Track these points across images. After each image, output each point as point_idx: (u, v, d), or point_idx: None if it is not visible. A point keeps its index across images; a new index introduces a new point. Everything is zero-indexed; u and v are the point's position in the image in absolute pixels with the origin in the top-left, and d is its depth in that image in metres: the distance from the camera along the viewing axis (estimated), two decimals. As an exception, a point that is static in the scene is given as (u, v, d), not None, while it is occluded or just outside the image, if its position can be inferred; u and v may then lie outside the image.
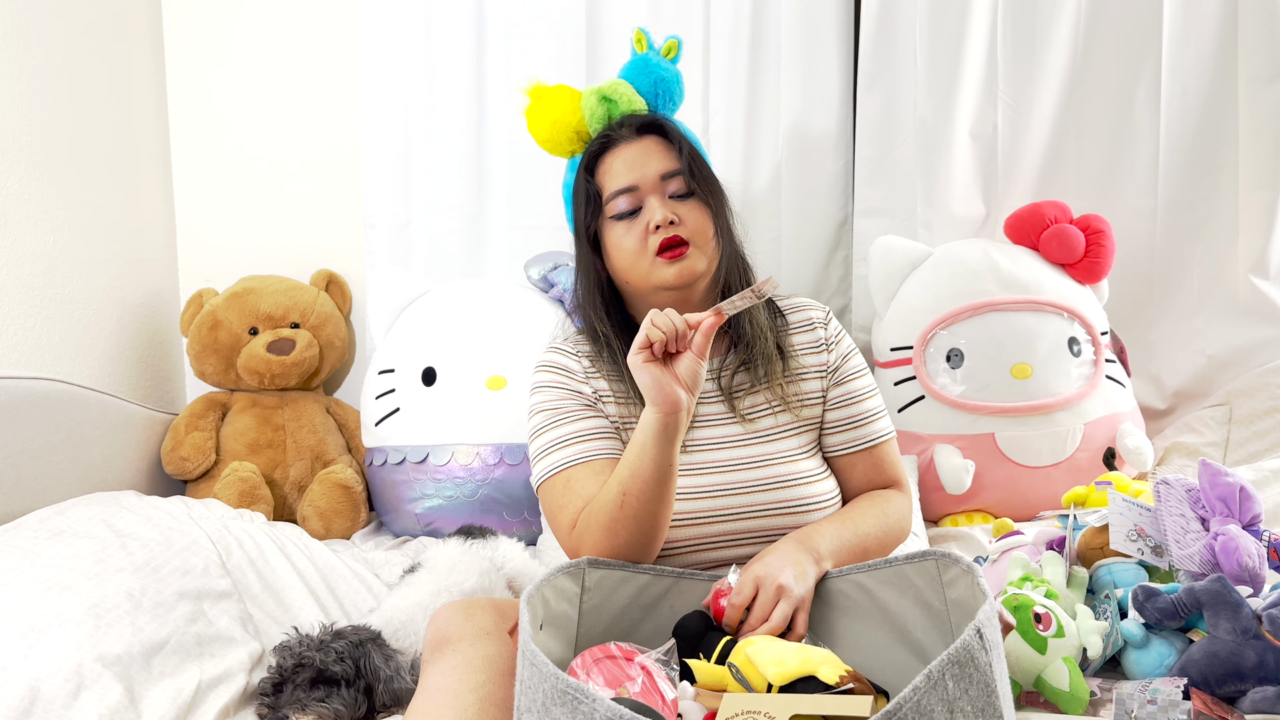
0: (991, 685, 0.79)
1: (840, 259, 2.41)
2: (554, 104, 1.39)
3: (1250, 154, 2.24)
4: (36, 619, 1.24)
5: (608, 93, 1.35)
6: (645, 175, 1.28)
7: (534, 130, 1.43)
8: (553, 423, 1.28)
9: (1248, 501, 1.35)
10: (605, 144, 1.33)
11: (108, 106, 2.22)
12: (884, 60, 2.29)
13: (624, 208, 1.28)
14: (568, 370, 1.33)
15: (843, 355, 1.38)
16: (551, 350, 1.37)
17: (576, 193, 1.35)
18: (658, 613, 1.16)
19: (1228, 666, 1.17)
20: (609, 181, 1.30)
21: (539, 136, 1.43)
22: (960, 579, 1.02)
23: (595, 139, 1.35)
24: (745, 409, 1.31)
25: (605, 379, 1.33)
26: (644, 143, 1.31)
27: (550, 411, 1.29)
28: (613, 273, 1.34)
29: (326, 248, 2.47)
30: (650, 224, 1.26)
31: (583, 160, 1.35)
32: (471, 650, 1.12)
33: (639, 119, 1.34)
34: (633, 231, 1.27)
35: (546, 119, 1.39)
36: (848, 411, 1.35)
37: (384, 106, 2.36)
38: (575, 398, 1.30)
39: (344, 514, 2.13)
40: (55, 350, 2.00)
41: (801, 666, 0.91)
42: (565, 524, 1.23)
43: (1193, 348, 2.33)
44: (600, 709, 0.78)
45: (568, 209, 1.40)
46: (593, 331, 1.36)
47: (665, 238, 1.25)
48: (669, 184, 1.29)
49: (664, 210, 1.26)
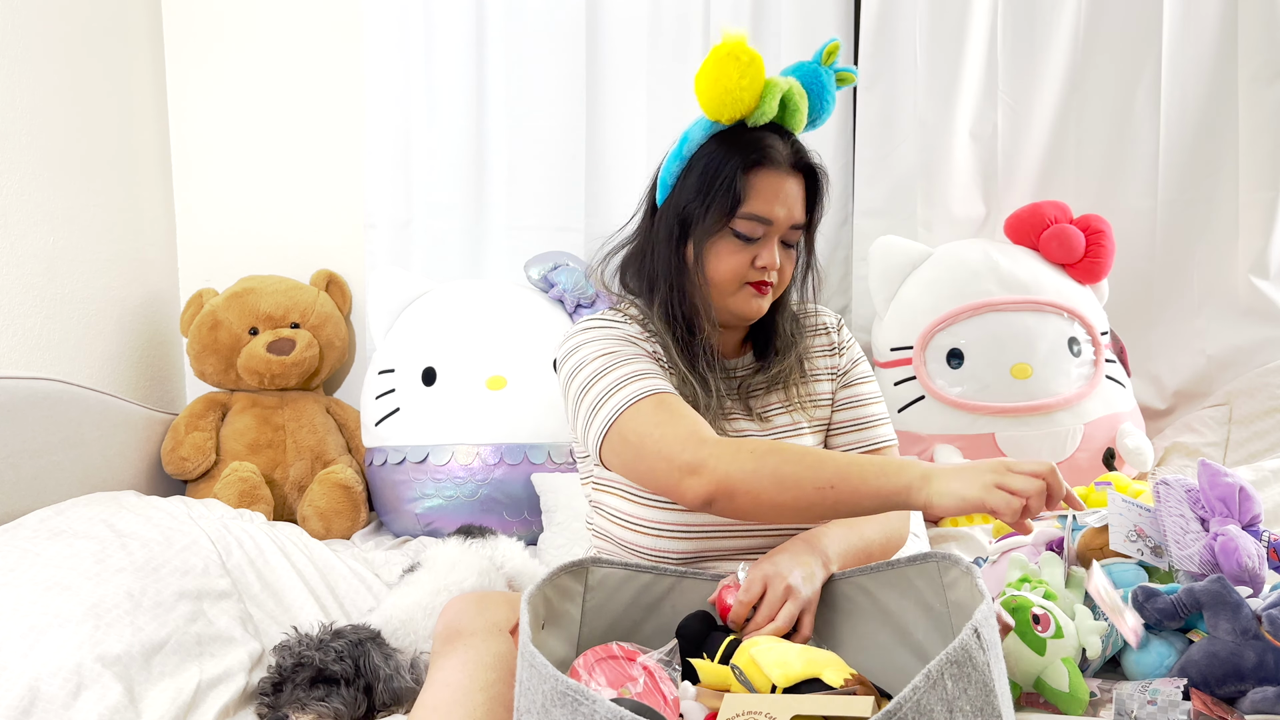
0: (989, 685, 0.79)
1: (840, 259, 2.41)
2: (747, 74, 1.24)
3: (1250, 154, 2.24)
4: (36, 619, 1.24)
5: (790, 101, 1.26)
6: (783, 218, 1.26)
7: (708, 86, 1.27)
8: (615, 363, 1.20)
9: (1247, 502, 1.35)
10: (764, 158, 1.24)
11: (108, 106, 2.22)
12: (884, 60, 2.29)
13: (746, 232, 1.25)
14: (620, 326, 1.28)
15: (851, 361, 1.41)
16: (599, 316, 1.31)
17: (711, 176, 1.25)
18: (660, 612, 1.16)
19: (1227, 667, 1.17)
20: (752, 200, 1.24)
21: (709, 96, 1.27)
22: (960, 580, 1.02)
23: (754, 143, 1.25)
24: (760, 408, 1.33)
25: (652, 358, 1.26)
26: (794, 181, 1.27)
27: (611, 355, 1.22)
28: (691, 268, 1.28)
29: (326, 248, 2.47)
30: (757, 261, 1.25)
31: (734, 155, 1.25)
32: (483, 646, 1.12)
33: (800, 151, 1.28)
34: (740, 255, 1.25)
35: (722, 84, 1.25)
36: (854, 414, 1.37)
37: (384, 106, 2.36)
38: (632, 346, 1.24)
39: (344, 514, 2.13)
40: (55, 350, 2.00)
41: (806, 669, 0.91)
42: (678, 435, 1.10)
43: (1193, 348, 2.33)
44: (600, 710, 0.78)
45: (674, 164, 1.29)
46: (684, 321, 1.29)
47: (761, 279, 1.26)
48: (791, 234, 1.28)
49: (774, 256, 1.26)
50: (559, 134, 2.35)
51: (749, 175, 1.24)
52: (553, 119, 2.35)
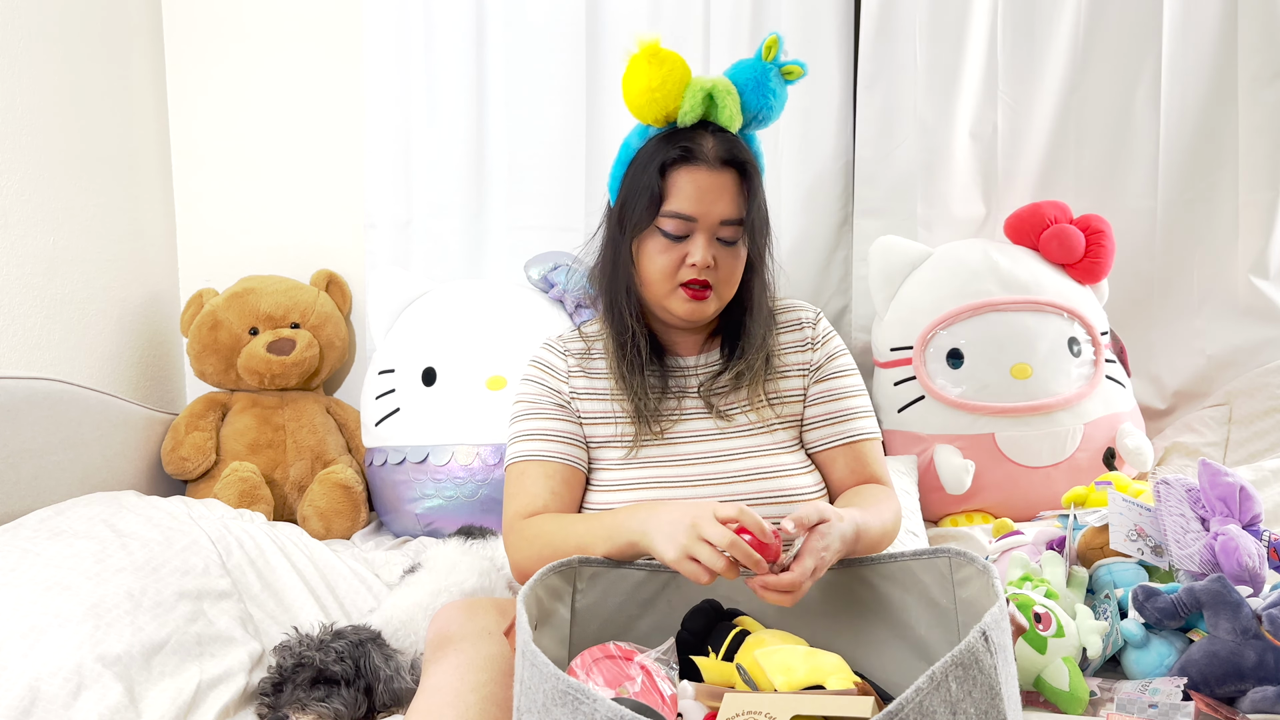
0: (995, 688, 0.78)
1: (840, 259, 2.40)
2: (661, 77, 1.28)
3: (1250, 154, 2.24)
4: (36, 619, 1.24)
5: (716, 96, 1.28)
6: (708, 213, 1.26)
7: (628, 89, 1.31)
8: (526, 414, 1.36)
9: (1248, 501, 1.35)
10: (686, 155, 1.26)
11: (108, 106, 2.22)
12: (884, 60, 2.29)
13: (672, 230, 1.26)
14: (551, 367, 1.39)
15: (828, 355, 1.39)
16: (541, 348, 1.43)
17: (638, 178, 1.29)
18: (655, 609, 1.16)
19: (1228, 666, 1.17)
20: (674, 197, 1.26)
21: (630, 98, 1.32)
22: (974, 579, 1.01)
23: (678, 142, 1.27)
24: (724, 405, 1.33)
25: (586, 376, 1.37)
26: (722, 177, 1.26)
27: (527, 404, 1.37)
28: (630, 269, 1.32)
29: (326, 248, 2.47)
30: (688, 259, 1.26)
31: (657, 156, 1.28)
32: (473, 650, 1.12)
33: (728, 147, 1.28)
34: (669, 254, 1.27)
35: (647, 87, 1.28)
36: (828, 408, 1.36)
37: (384, 106, 2.36)
38: (551, 395, 1.37)
39: (344, 514, 2.13)
40: (55, 350, 2.00)
41: (809, 675, 0.91)
42: (509, 513, 1.32)
43: (1193, 348, 2.33)
44: (601, 709, 0.78)
45: (618, 169, 1.34)
46: (618, 321, 1.34)
47: (694, 278, 1.26)
48: (723, 229, 1.27)
49: (705, 253, 1.25)
50: (559, 134, 2.35)
51: (670, 173, 1.26)
52: (553, 119, 2.35)
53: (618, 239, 1.33)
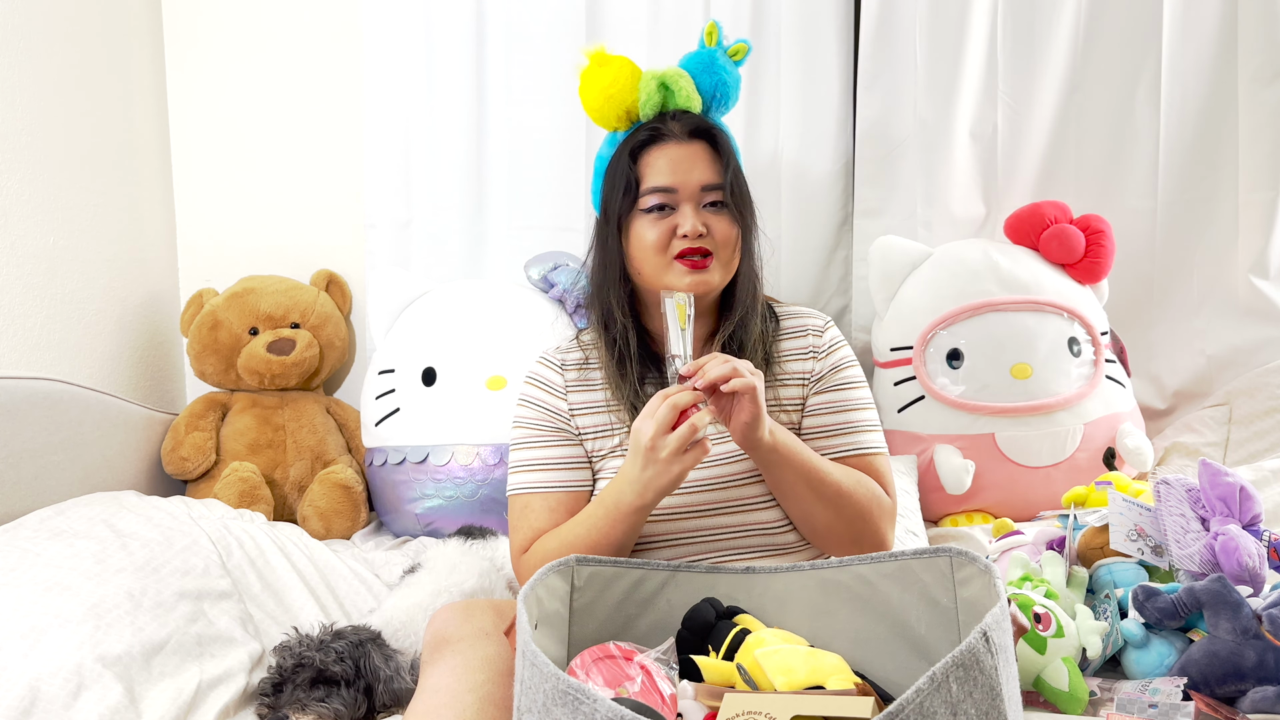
0: (996, 689, 0.78)
1: (840, 259, 2.40)
2: (612, 76, 1.34)
3: (1250, 154, 2.24)
4: (36, 619, 1.24)
5: (668, 81, 1.31)
6: (687, 181, 1.27)
7: (585, 98, 1.37)
8: (526, 442, 1.35)
9: (1248, 501, 1.35)
10: (653, 136, 1.30)
11: (108, 106, 2.22)
12: (884, 60, 2.29)
13: (656, 202, 1.27)
14: (549, 384, 1.37)
15: (833, 367, 1.36)
16: (538, 362, 1.40)
17: (613, 174, 1.32)
18: (654, 608, 1.15)
19: (1228, 666, 1.17)
20: (649, 175, 1.28)
21: (589, 106, 1.37)
22: (975, 578, 1.01)
23: (644, 128, 1.32)
24: None
25: (585, 388, 1.35)
26: (692, 147, 1.29)
27: (526, 430, 1.36)
28: (627, 262, 1.33)
29: (326, 248, 2.47)
30: (678, 230, 1.26)
31: (627, 145, 1.32)
32: (471, 650, 1.12)
33: (693, 121, 1.31)
34: (658, 228, 1.27)
35: (601, 90, 1.34)
36: (829, 420, 1.33)
37: (384, 107, 2.36)
38: (550, 419, 1.35)
39: (344, 514, 2.13)
40: (55, 350, 2.00)
41: (810, 676, 0.91)
42: (515, 546, 1.32)
43: (1193, 348, 2.33)
44: (601, 709, 0.78)
45: (596, 181, 1.38)
46: (607, 318, 1.34)
47: (689, 246, 1.26)
48: (707, 195, 1.28)
49: (695, 220, 1.26)
50: (559, 134, 2.34)
51: (642, 156, 1.30)
52: (553, 119, 2.34)
53: (605, 235, 1.33)
